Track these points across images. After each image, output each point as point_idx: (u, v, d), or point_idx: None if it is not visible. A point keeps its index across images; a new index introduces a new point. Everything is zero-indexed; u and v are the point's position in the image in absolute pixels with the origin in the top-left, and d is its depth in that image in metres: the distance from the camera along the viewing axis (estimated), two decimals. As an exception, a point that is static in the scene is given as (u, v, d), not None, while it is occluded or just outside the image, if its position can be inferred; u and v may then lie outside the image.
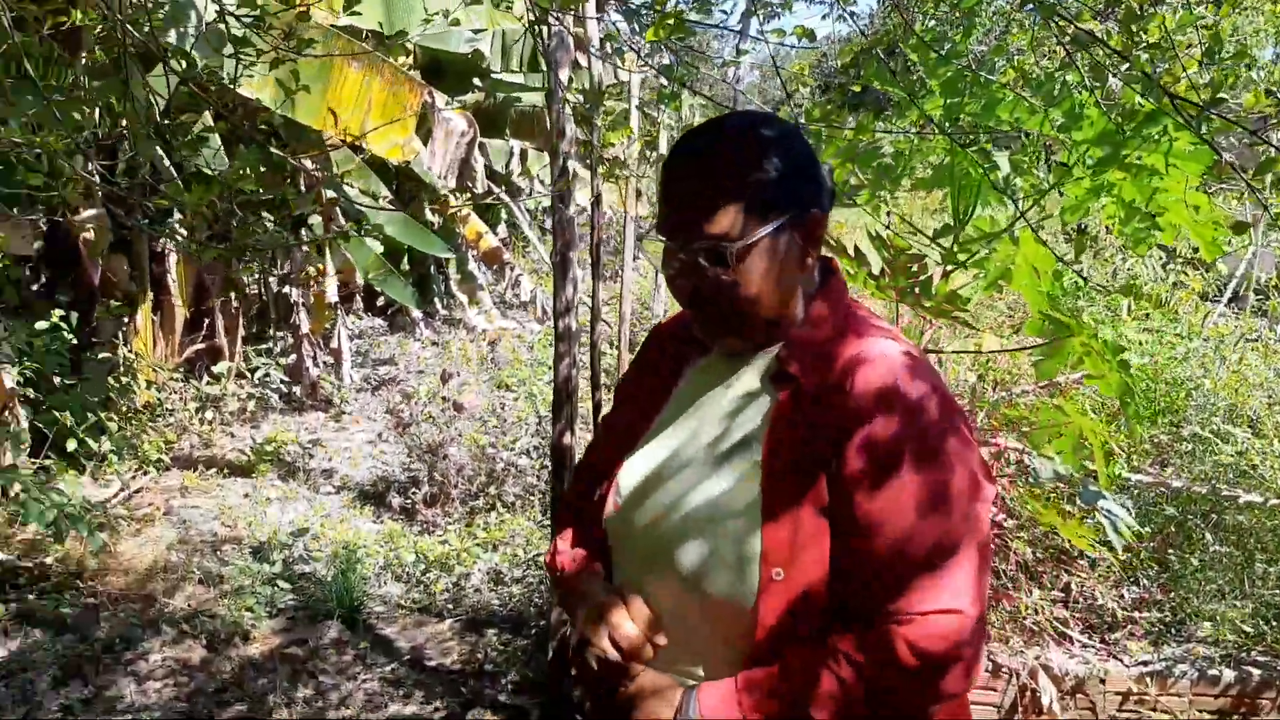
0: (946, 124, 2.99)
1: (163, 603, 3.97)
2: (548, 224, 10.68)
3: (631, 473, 1.21)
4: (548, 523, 4.66)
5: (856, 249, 2.92)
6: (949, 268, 2.96)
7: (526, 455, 5.62)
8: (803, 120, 3.16)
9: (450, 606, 4.20)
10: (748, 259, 1.08)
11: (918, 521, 1.01)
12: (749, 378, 1.17)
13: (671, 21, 2.56)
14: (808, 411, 1.09)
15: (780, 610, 1.04)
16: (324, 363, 6.97)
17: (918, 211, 13.45)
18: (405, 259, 8.80)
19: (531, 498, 5.26)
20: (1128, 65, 2.19)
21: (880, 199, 3.27)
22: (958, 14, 3.06)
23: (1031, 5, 1.78)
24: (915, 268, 2.83)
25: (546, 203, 11.35)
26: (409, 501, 5.20)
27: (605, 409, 4.81)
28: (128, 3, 2.07)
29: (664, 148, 8.75)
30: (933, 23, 3.54)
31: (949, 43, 2.90)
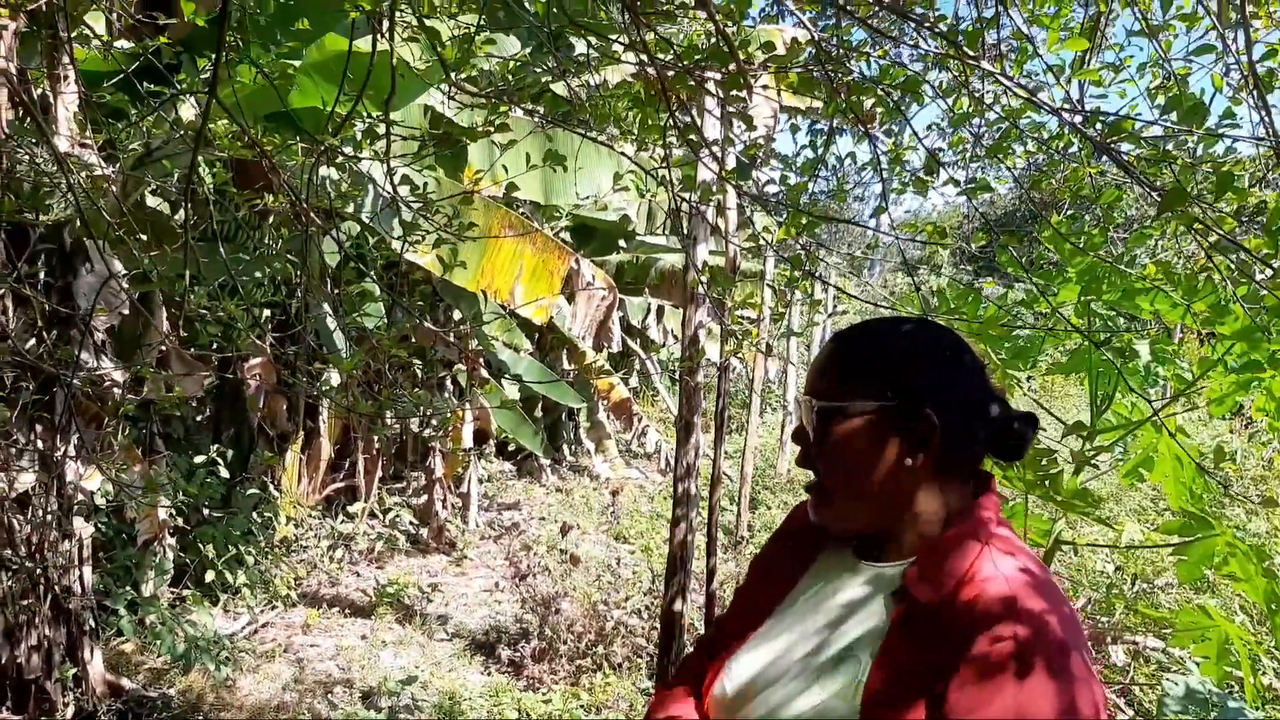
0: (1084, 317, 2.95)
1: (273, 744, 4.07)
2: (677, 375, 10.89)
3: (741, 665, 1.19)
4: (653, 689, 4.57)
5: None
6: (1082, 463, 2.86)
7: (638, 615, 5.56)
8: (934, 302, 3.19)
9: (551, 770, 4.12)
10: (832, 428, 1.12)
11: None
12: (869, 585, 1.14)
13: (803, 222, 2.67)
14: (921, 635, 1.04)
15: None
16: (453, 505, 7.19)
17: (1059, 385, 13.00)
18: (539, 407, 9.11)
19: (639, 660, 5.17)
20: (1273, 272, 2.14)
21: (1014, 381, 3.22)
22: (1094, 206, 3.05)
23: (1170, 215, 1.78)
24: (1045, 461, 2.76)
25: (676, 353, 11.60)
26: (518, 654, 5.19)
27: (719, 574, 4.76)
28: (314, 188, 2.34)
29: (794, 320, 8.91)
30: (1069, 210, 3.54)
31: (1084, 235, 2.90)
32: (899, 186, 3.22)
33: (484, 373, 6.91)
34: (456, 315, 6.83)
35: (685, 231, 3.37)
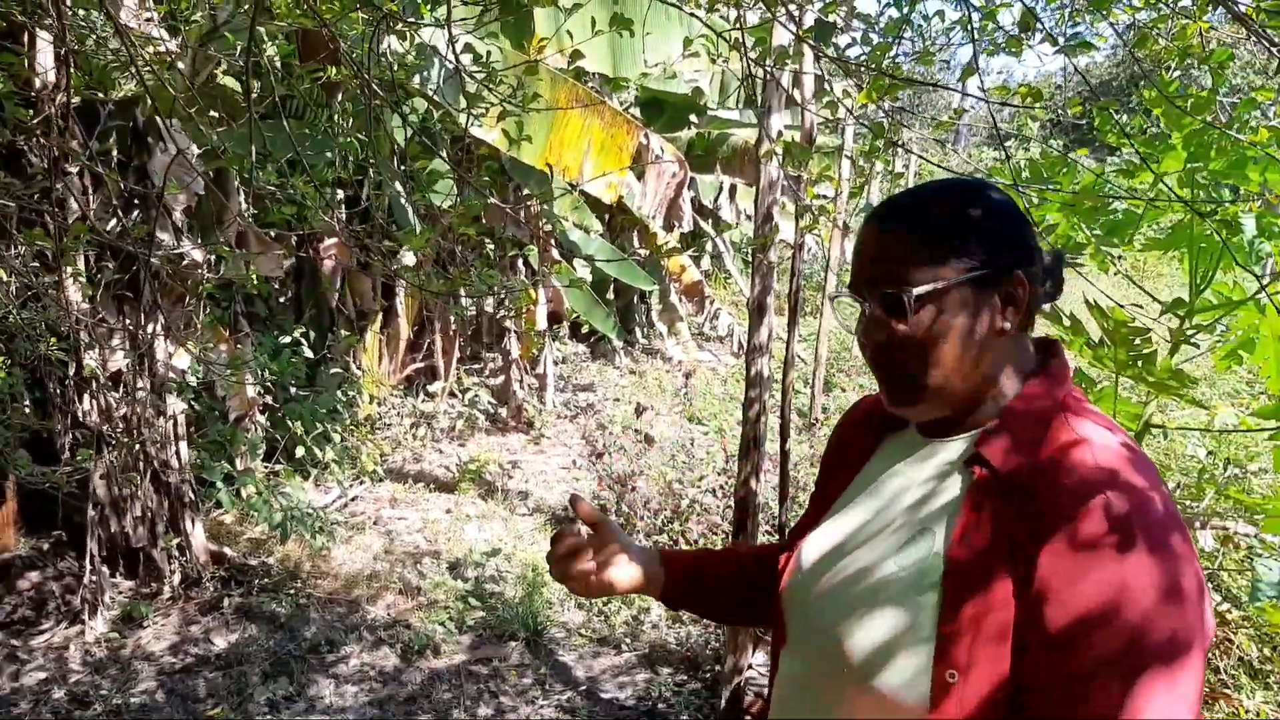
0: (1187, 187, 2.75)
1: (365, 610, 4.28)
2: (750, 256, 10.71)
3: (810, 549, 1.19)
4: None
5: (1072, 316, 2.74)
6: (1179, 343, 2.71)
7: (712, 494, 5.63)
8: (1025, 171, 3.00)
9: (628, 640, 4.25)
10: (925, 309, 1.04)
11: (1153, 611, 0.89)
12: (942, 458, 1.11)
13: (885, 83, 2.50)
14: (1003, 500, 1.00)
15: (955, 715, 0.97)
16: (529, 386, 7.31)
17: (1151, 264, 12.44)
18: (610, 289, 9.08)
19: (715, 537, 5.26)
20: None
21: (1109, 258, 3.05)
22: (1204, 67, 2.83)
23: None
24: (1138, 341, 2.63)
25: (749, 233, 11.38)
26: (596, 530, 5.32)
27: (793, 456, 4.76)
28: (376, 59, 2.27)
29: (874, 194, 8.59)
30: (1176, 73, 3.29)
31: (1191, 97, 2.68)
32: (990, 48, 2.99)
33: (555, 254, 6.88)
34: (526, 194, 6.77)
35: (759, 100, 3.20)
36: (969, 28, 2.60)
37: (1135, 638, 0.89)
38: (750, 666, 3.74)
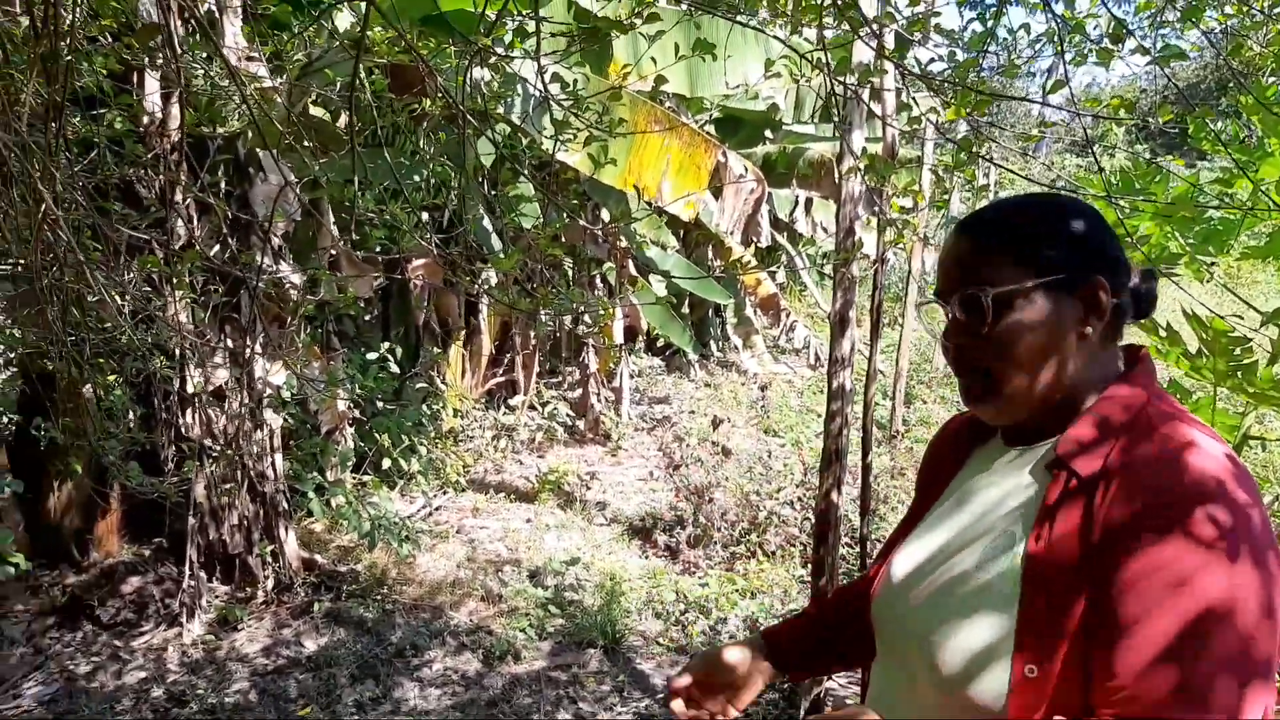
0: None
1: (448, 615, 4.41)
2: (826, 269, 10.64)
3: (900, 563, 1.22)
4: (807, 577, 4.64)
5: (1169, 326, 2.70)
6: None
7: (790, 506, 5.63)
8: (1115, 179, 2.96)
9: (706, 649, 4.28)
10: (1007, 312, 1.07)
11: (1260, 624, 0.91)
12: (1026, 464, 1.12)
13: (973, 99, 2.50)
14: (1084, 502, 1.01)
15: (1032, 709, 0.99)
16: (606, 399, 7.41)
17: (1245, 271, 11.97)
18: (685, 302, 9.14)
19: (792, 549, 5.26)
20: None
21: (1205, 268, 2.98)
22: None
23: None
24: (1238, 350, 2.58)
25: (826, 247, 11.33)
26: (673, 540, 5.37)
27: (874, 468, 4.73)
28: (469, 92, 2.37)
29: (955, 207, 8.47)
30: (1271, 79, 3.22)
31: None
32: (1078, 58, 2.96)
33: (632, 270, 6.98)
34: (605, 214, 6.88)
35: (841, 117, 3.23)
36: (1055, 39, 2.59)
37: (1245, 646, 0.90)
38: (830, 677, 3.74)
